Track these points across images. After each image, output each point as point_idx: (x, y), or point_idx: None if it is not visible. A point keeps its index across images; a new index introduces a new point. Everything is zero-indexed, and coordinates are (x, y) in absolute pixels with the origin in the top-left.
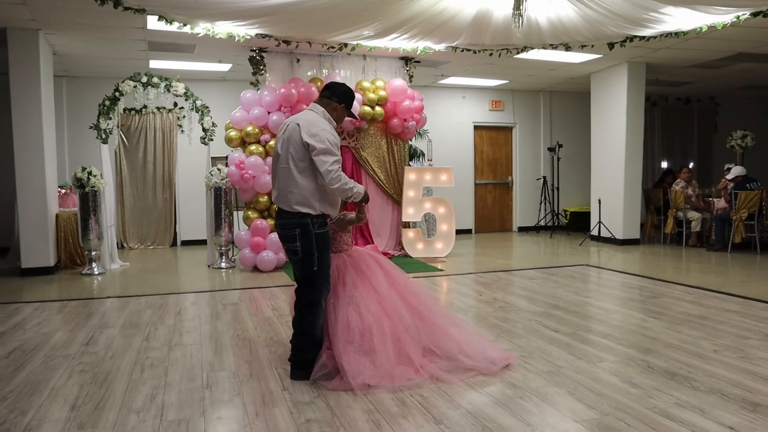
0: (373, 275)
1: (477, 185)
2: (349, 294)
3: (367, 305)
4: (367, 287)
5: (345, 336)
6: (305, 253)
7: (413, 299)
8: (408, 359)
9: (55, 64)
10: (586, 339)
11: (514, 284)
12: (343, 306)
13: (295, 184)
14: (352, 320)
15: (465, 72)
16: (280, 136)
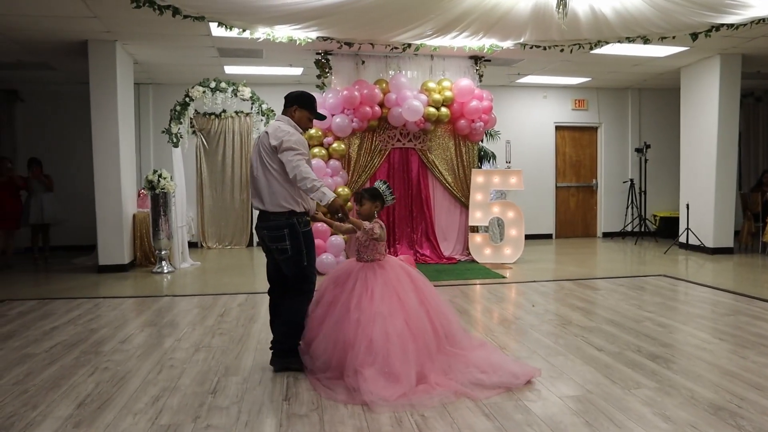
0: (403, 290)
1: (558, 188)
2: (376, 309)
3: (393, 324)
4: (396, 303)
5: (366, 355)
6: (295, 250)
7: (440, 320)
8: (426, 380)
9: (139, 73)
10: (631, 360)
11: (576, 295)
12: (369, 322)
13: (275, 186)
14: (376, 339)
15: (543, 70)
16: (254, 148)
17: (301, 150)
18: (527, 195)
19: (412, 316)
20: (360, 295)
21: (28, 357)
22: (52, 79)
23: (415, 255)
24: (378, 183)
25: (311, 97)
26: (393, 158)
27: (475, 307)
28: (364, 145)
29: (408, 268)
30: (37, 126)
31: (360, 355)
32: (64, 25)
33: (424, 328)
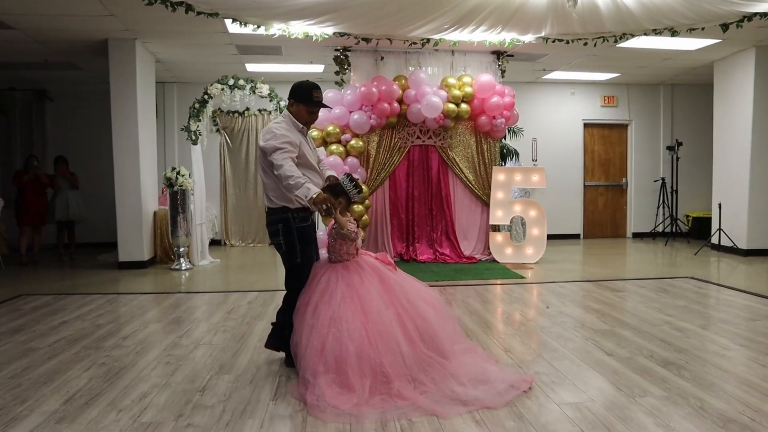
0: (367, 292)
1: (587, 187)
2: (332, 313)
3: (349, 329)
4: (355, 306)
5: (317, 363)
6: (288, 246)
7: (416, 322)
8: (388, 387)
9: (162, 71)
10: (641, 366)
11: (594, 297)
12: (322, 327)
13: (269, 184)
14: (328, 346)
15: (569, 66)
16: None
17: (284, 148)
18: (554, 194)
19: (374, 320)
20: (318, 299)
21: (30, 351)
22: (79, 79)
23: (435, 254)
24: (342, 177)
25: (306, 87)
26: (412, 156)
27: (486, 308)
28: (383, 143)
29: (381, 268)
30: (65, 125)
31: (311, 361)
32: (83, 24)
33: (389, 333)
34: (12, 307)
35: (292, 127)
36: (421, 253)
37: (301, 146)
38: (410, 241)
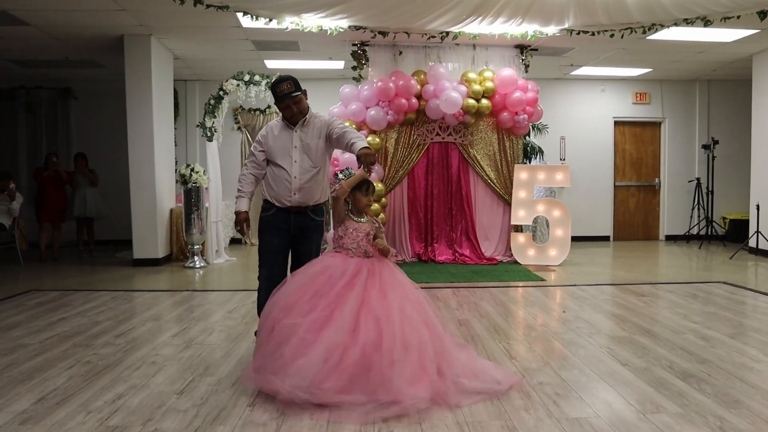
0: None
1: (617, 187)
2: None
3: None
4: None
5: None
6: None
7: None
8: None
9: (182, 69)
10: (657, 378)
11: (615, 301)
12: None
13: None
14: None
15: (598, 60)
16: None
17: (249, 159)
18: (582, 194)
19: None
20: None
21: (20, 347)
22: (102, 77)
23: (454, 255)
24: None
25: (273, 85)
26: (432, 153)
27: (498, 311)
28: (402, 140)
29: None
30: (88, 122)
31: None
32: (97, 20)
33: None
34: (16, 303)
35: (276, 125)
36: (439, 254)
37: (274, 144)
38: (429, 241)
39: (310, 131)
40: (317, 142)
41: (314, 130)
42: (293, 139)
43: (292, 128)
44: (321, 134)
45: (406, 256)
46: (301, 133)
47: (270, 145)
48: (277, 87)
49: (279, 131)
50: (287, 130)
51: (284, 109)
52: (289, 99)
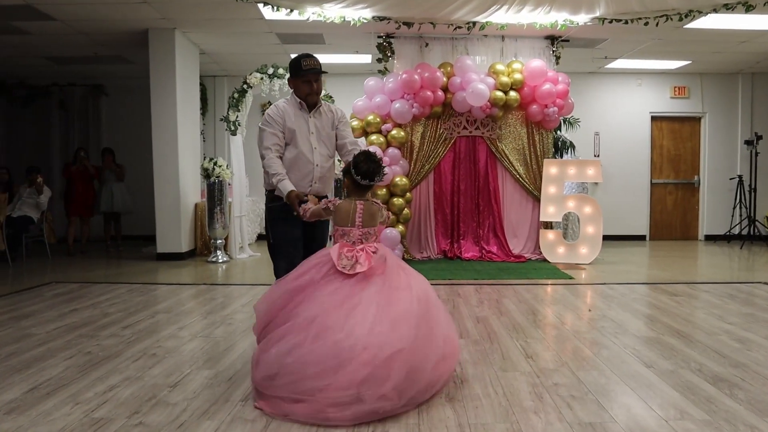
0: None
1: (654, 185)
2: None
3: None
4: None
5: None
6: (266, 229)
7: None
8: None
9: (209, 64)
10: (684, 382)
11: (646, 300)
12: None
13: None
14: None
15: (633, 53)
16: None
17: (266, 130)
18: (617, 192)
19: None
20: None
21: (26, 337)
22: (131, 73)
23: (481, 252)
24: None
25: (296, 59)
26: (459, 147)
27: (520, 309)
28: (428, 133)
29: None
30: (118, 118)
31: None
32: (120, 13)
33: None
34: (36, 293)
35: (288, 107)
36: (466, 251)
37: (293, 126)
38: (455, 237)
39: (323, 119)
40: (329, 131)
41: (326, 119)
42: (308, 124)
43: (307, 112)
44: (332, 125)
45: (431, 252)
46: (315, 120)
47: (287, 126)
48: (302, 60)
49: (294, 114)
50: (302, 113)
51: (304, 84)
52: (313, 74)
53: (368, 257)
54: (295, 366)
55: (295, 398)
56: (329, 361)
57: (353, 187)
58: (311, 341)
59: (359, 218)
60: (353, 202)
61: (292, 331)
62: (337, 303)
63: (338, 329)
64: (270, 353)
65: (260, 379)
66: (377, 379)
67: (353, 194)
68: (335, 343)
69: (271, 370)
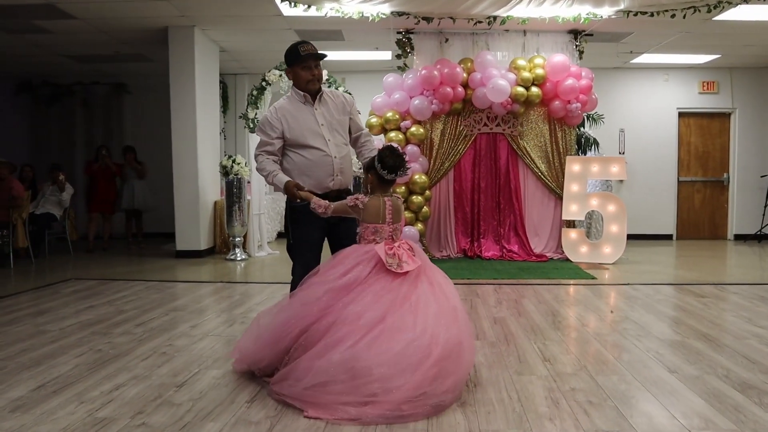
0: None
1: (681, 183)
2: None
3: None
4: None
5: None
6: (285, 227)
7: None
8: None
9: (231, 62)
10: (710, 389)
11: (671, 302)
12: None
13: None
14: None
15: (660, 47)
16: None
17: (263, 138)
18: (643, 190)
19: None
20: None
21: (39, 333)
22: (152, 71)
23: (502, 251)
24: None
25: (293, 46)
26: (479, 144)
27: (539, 309)
28: (448, 130)
29: None
30: (140, 116)
31: None
32: (139, 11)
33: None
34: (54, 290)
35: (289, 104)
36: (486, 250)
37: (296, 125)
38: (475, 236)
39: (330, 106)
40: (341, 117)
41: (335, 105)
42: (316, 117)
43: (311, 105)
44: (344, 110)
45: (451, 251)
46: (322, 110)
47: (292, 126)
48: (300, 46)
49: (296, 110)
50: (305, 107)
51: (304, 70)
52: (313, 60)
53: (409, 255)
54: (362, 370)
55: (364, 401)
56: (405, 360)
57: (378, 182)
58: (381, 342)
59: (389, 214)
60: (381, 199)
61: (351, 334)
62: (398, 303)
63: (409, 329)
64: (328, 359)
65: (305, 389)
66: (445, 374)
67: (378, 190)
68: (409, 343)
69: (325, 377)
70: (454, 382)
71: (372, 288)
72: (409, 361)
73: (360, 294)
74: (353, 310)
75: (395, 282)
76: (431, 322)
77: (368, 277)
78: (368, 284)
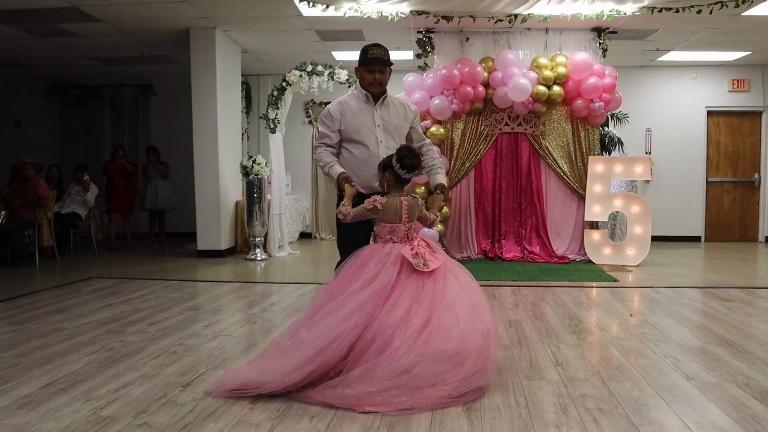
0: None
1: (710, 184)
2: None
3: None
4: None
5: None
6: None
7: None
8: None
9: (254, 63)
10: (729, 397)
11: (695, 306)
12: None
13: None
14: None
15: (687, 44)
16: None
17: (322, 130)
18: (670, 190)
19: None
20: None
21: (55, 331)
22: (177, 72)
23: (523, 252)
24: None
25: (364, 48)
26: (500, 144)
27: (557, 312)
28: (468, 130)
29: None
30: (166, 117)
31: None
32: (161, 13)
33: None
34: (74, 288)
35: (351, 100)
36: (507, 251)
37: (355, 120)
38: (496, 237)
39: (391, 111)
40: (401, 123)
41: (396, 111)
42: (374, 117)
43: (372, 104)
44: (406, 118)
45: (471, 252)
46: (382, 112)
47: (349, 121)
48: (370, 49)
49: (357, 107)
50: (367, 106)
51: (368, 73)
52: (378, 63)
53: (430, 253)
54: (421, 374)
55: (420, 397)
56: (455, 357)
57: (394, 181)
58: (433, 344)
59: (405, 214)
60: (398, 198)
61: (404, 341)
62: (437, 302)
63: (454, 326)
64: (388, 368)
65: (363, 394)
66: (485, 361)
67: (393, 189)
68: (457, 340)
69: (386, 386)
70: (491, 368)
71: (408, 291)
72: (459, 357)
73: (399, 299)
74: (397, 315)
75: (428, 281)
76: (468, 315)
77: (399, 279)
78: (403, 287)
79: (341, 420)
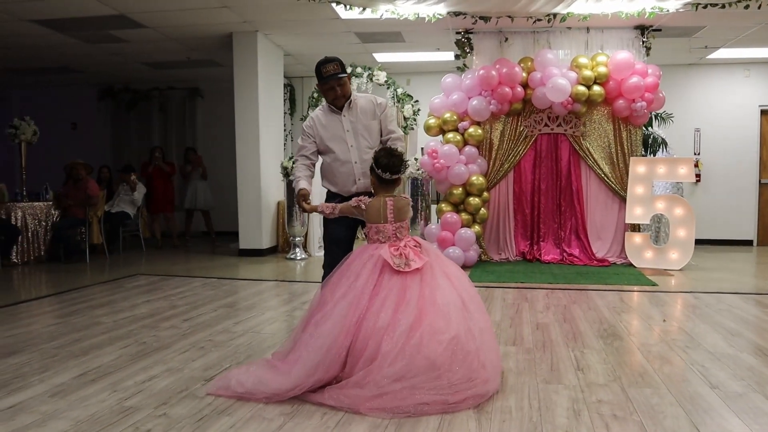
0: None
1: (763, 185)
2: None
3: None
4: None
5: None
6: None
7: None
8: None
9: (296, 65)
10: (753, 408)
11: (733, 312)
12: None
13: None
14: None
15: (737, 40)
16: None
17: (301, 143)
18: (720, 193)
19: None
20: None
21: (94, 325)
22: (223, 76)
23: (562, 254)
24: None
25: (317, 65)
26: (540, 145)
27: (588, 316)
28: (507, 131)
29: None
30: (213, 119)
31: None
32: (203, 18)
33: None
34: (118, 285)
35: (321, 113)
36: (546, 253)
37: (325, 131)
38: (535, 239)
39: (359, 113)
40: (369, 122)
41: (363, 111)
42: (343, 123)
43: (338, 113)
44: (375, 115)
45: (510, 254)
46: (349, 117)
47: (320, 133)
48: (322, 67)
49: (325, 118)
50: (334, 115)
51: (327, 91)
52: (334, 80)
53: (416, 252)
54: (416, 379)
55: (420, 401)
56: (450, 360)
57: (378, 183)
58: (426, 347)
59: (391, 213)
60: (382, 199)
61: (394, 346)
62: (426, 302)
63: (446, 329)
64: (380, 374)
65: (371, 397)
66: (484, 360)
67: (380, 191)
68: (450, 342)
69: (379, 391)
70: (494, 369)
71: (392, 293)
72: (454, 359)
73: (384, 302)
74: (384, 320)
75: (413, 281)
76: (462, 316)
77: (380, 281)
78: (387, 289)
79: (351, 418)
